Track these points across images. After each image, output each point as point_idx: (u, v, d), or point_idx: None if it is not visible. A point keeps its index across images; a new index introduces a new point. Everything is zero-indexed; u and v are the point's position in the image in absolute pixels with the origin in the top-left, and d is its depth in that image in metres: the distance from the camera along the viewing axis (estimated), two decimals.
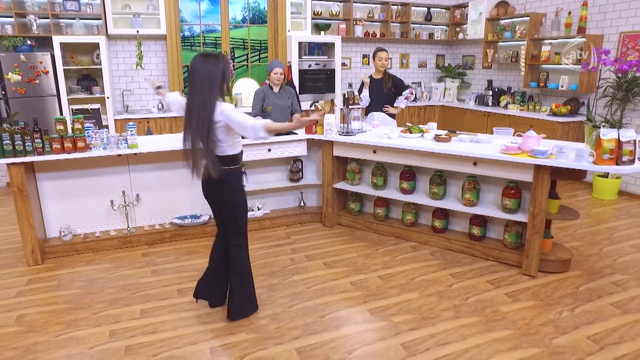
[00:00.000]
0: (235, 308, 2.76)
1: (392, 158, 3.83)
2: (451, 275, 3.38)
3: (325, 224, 4.36)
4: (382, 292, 3.13)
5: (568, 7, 5.78)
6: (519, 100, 6.51)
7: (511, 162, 3.20)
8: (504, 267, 3.49)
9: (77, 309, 2.91)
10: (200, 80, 2.40)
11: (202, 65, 2.41)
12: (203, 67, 2.41)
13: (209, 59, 2.43)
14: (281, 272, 3.43)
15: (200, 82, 2.40)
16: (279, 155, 4.12)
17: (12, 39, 5.03)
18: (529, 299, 3.02)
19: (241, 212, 2.70)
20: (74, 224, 3.78)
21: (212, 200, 2.72)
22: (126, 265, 3.54)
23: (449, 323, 2.75)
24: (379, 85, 4.70)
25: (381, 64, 4.65)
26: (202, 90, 2.39)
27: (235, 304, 2.75)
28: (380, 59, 4.64)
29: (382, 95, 4.68)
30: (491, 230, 3.76)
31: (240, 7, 6.92)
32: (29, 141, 3.28)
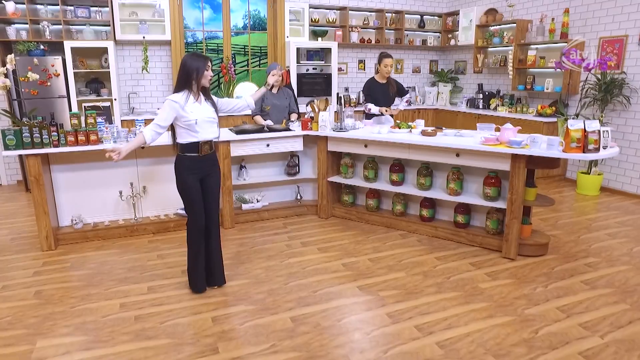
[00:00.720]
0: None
1: (382, 151, 4.11)
2: (436, 258, 3.63)
3: (320, 216, 4.63)
4: (371, 272, 3.38)
5: (552, 14, 6.10)
6: (507, 102, 6.81)
7: (490, 152, 3.48)
8: (486, 252, 3.74)
9: (90, 286, 3.17)
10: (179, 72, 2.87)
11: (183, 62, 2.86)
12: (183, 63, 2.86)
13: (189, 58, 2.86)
14: (278, 255, 3.69)
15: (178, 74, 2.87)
16: (277, 150, 4.40)
17: (26, 43, 5.35)
18: (506, 278, 3.27)
19: (181, 194, 3.00)
20: (84, 213, 4.05)
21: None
22: (133, 250, 3.80)
23: (431, 297, 3.00)
24: (385, 89, 4.81)
25: (386, 70, 4.69)
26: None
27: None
28: (385, 65, 4.68)
29: (387, 98, 4.82)
30: (475, 218, 4.02)
31: (241, 14, 7.25)
32: (45, 134, 3.56)
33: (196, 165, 2.93)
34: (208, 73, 2.89)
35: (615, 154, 3.32)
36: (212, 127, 2.95)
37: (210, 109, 2.95)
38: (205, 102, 2.93)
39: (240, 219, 4.45)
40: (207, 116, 2.90)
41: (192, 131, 2.85)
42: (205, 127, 2.89)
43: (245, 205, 4.52)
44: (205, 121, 2.89)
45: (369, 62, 7.83)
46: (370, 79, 4.93)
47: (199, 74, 2.83)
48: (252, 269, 3.44)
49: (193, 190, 2.93)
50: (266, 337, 2.55)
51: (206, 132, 2.91)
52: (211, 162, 3.03)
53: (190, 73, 2.82)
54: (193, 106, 2.84)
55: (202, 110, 2.88)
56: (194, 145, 2.88)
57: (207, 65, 2.88)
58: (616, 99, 5.21)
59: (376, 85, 4.85)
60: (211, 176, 3.03)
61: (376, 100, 4.78)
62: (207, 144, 2.93)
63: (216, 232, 3.09)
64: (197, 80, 2.84)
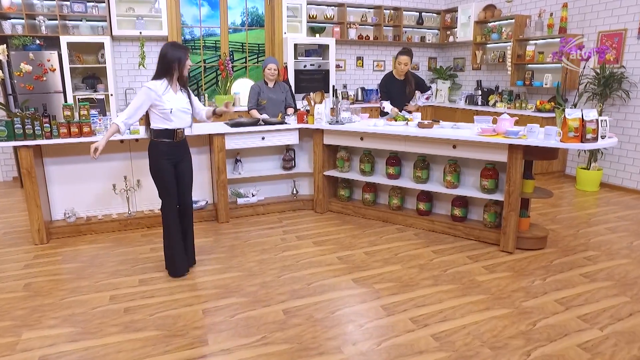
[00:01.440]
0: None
1: (378, 144, 4.06)
2: (433, 251, 3.58)
3: (316, 210, 4.58)
4: (367, 265, 3.33)
5: (550, 8, 6.05)
6: (506, 99, 6.75)
7: (487, 142, 3.43)
8: (484, 245, 3.69)
9: (80, 279, 3.12)
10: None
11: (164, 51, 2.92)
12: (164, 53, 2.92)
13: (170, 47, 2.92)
14: (272, 249, 3.64)
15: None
16: (272, 143, 4.35)
17: (22, 38, 5.32)
18: (504, 271, 3.22)
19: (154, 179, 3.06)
20: (77, 206, 4.01)
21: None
22: (126, 244, 3.76)
23: (427, 289, 2.95)
24: (401, 86, 4.65)
25: (400, 68, 4.54)
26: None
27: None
28: (399, 62, 4.51)
29: (402, 96, 4.66)
30: (472, 211, 3.96)
31: (239, 12, 7.22)
32: (37, 126, 3.51)
33: (171, 151, 3.01)
34: (188, 62, 2.96)
35: (614, 144, 3.26)
36: (186, 117, 3.04)
37: (186, 99, 3.03)
38: (180, 92, 3.01)
39: (235, 214, 4.41)
40: (182, 106, 2.98)
41: (166, 119, 2.93)
42: (179, 115, 2.97)
43: (241, 200, 4.47)
44: (180, 110, 2.97)
45: (367, 59, 7.79)
46: (388, 74, 4.74)
47: (180, 63, 2.90)
48: (246, 262, 3.39)
49: (167, 174, 3.01)
50: (257, 329, 2.50)
51: (180, 121, 3.00)
52: (184, 148, 3.13)
53: (171, 62, 2.88)
54: (169, 95, 2.91)
55: (177, 99, 2.96)
56: (168, 131, 2.97)
57: (187, 55, 2.96)
58: (615, 93, 5.16)
59: (392, 82, 4.69)
60: (184, 161, 3.13)
61: (391, 97, 4.66)
62: (182, 131, 3.04)
63: (189, 216, 3.21)
64: (178, 70, 2.91)
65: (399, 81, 4.70)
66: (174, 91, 2.95)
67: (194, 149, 4.20)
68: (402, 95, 4.70)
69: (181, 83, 3.01)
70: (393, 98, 4.69)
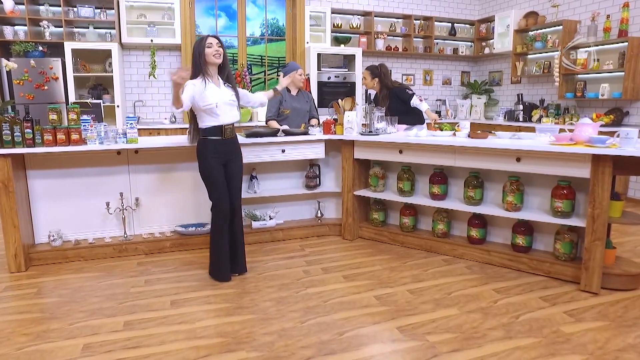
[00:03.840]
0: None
1: (422, 158, 3.39)
2: (494, 290, 2.84)
3: (345, 237, 3.89)
4: (413, 307, 2.61)
5: (605, 11, 5.39)
6: (552, 113, 6.04)
7: (564, 153, 2.72)
8: (558, 283, 2.93)
9: (52, 319, 2.48)
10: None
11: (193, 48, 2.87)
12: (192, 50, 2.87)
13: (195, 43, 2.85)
14: (293, 284, 2.96)
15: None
16: (294, 157, 3.73)
17: (24, 44, 4.90)
18: (595, 319, 2.46)
19: (204, 179, 2.92)
20: (65, 228, 3.41)
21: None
22: (118, 274, 3.13)
23: (499, 344, 2.21)
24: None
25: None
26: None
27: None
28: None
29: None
30: (538, 240, 3.23)
31: (258, 23, 6.77)
32: (18, 132, 2.97)
33: (220, 149, 2.88)
34: (210, 50, 2.76)
35: None
36: (232, 110, 2.90)
37: (230, 92, 2.89)
38: (224, 86, 2.88)
39: (249, 239, 3.75)
40: (228, 99, 2.86)
41: (213, 115, 2.81)
42: (225, 109, 2.84)
43: (256, 223, 3.82)
44: (226, 103, 2.84)
45: (396, 72, 7.20)
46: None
47: (201, 55, 2.77)
48: (260, 301, 2.71)
49: (216, 173, 2.87)
50: None
51: (227, 116, 2.86)
52: (234, 147, 2.98)
53: (196, 58, 2.80)
54: (212, 90, 2.78)
55: (221, 93, 2.83)
56: (216, 128, 2.84)
57: (208, 43, 2.77)
58: None
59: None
60: (233, 162, 2.98)
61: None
62: (229, 127, 2.90)
63: (239, 219, 3.05)
64: (203, 63, 2.77)
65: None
66: (217, 85, 2.83)
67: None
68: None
69: (223, 77, 2.88)
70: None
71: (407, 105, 4.14)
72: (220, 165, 2.90)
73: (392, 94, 4.23)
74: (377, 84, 4.29)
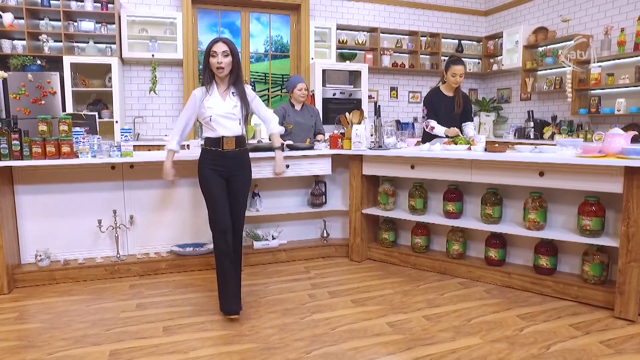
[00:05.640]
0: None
1: (435, 173, 3.18)
2: (519, 317, 2.58)
3: (352, 258, 3.64)
4: (431, 335, 2.36)
5: (618, 25, 5.25)
6: (565, 130, 5.84)
7: (594, 166, 2.50)
8: (588, 309, 2.67)
9: (30, 347, 2.24)
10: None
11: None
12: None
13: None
14: (297, 309, 2.70)
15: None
16: (299, 173, 3.52)
17: (21, 57, 4.77)
18: (637, 351, 2.19)
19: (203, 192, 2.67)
20: (54, 247, 3.19)
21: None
22: (108, 297, 2.88)
23: None
24: (450, 104, 3.86)
25: (454, 80, 3.75)
26: None
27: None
28: (454, 74, 3.73)
29: (450, 115, 3.84)
30: (563, 261, 2.98)
31: (262, 40, 6.67)
32: (4, 143, 2.78)
33: (218, 162, 2.63)
34: (213, 62, 2.54)
35: None
36: (230, 124, 2.64)
37: (232, 103, 2.64)
38: (231, 97, 2.64)
39: (250, 260, 3.51)
40: (225, 111, 2.61)
41: (209, 127, 2.64)
42: (221, 122, 2.61)
43: (258, 243, 3.59)
44: (222, 116, 2.60)
45: (402, 89, 7.06)
46: (434, 89, 3.93)
47: (207, 60, 2.57)
48: (262, 327, 2.46)
49: (212, 186, 2.60)
50: None
51: (224, 129, 2.62)
52: (238, 162, 2.68)
53: (204, 62, 2.60)
54: (212, 101, 2.61)
55: (221, 105, 2.62)
56: (214, 140, 2.64)
57: (212, 52, 2.53)
58: None
59: (440, 97, 3.86)
60: (237, 179, 2.67)
61: (436, 115, 3.81)
62: (231, 140, 2.63)
63: (237, 243, 2.72)
64: (208, 70, 2.60)
65: (448, 98, 3.87)
66: (222, 97, 2.63)
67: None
68: (449, 115, 3.84)
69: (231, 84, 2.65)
70: (438, 118, 3.82)
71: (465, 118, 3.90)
72: (220, 178, 2.63)
73: (465, 99, 3.94)
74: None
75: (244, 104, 2.65)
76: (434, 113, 3.83)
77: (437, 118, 3.83)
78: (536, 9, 6.49)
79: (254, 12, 6.33)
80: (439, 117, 3.84)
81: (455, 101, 3.87)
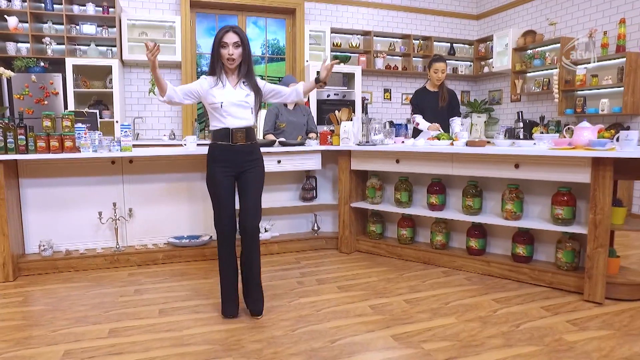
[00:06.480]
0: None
1: (419, 167, 3.35)
2: (494, 300, 2.74)
3: (341, 250, 3.80)
4: (409, 316, 2.51)
5: (602, 27, 5.43)
6: (553, 130, 6.01)
7: (563, 157, 2.67)
8: (560, 293, 2.83)
9: (34, 326, 2.40)
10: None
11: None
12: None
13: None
14: (286, 294, 2.86)
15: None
16: (290, 168, 3.69)
17: (25, 59, 4.96)
18: (600, 328, 2.35)
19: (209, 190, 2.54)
20: (56, 238, 3.36)
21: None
22: (107, 284, 3.05)
23: (498, 352, 2.11)
24: (434, 99, 4.08)
25: (437, 76, 4.01)
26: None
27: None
28: (436, 70, 4.00)
29: (435, 111, 4.05)
30: (539, 250, 3.13)
31: (259, 43, 6.86)
32: (11, 138, 2.96)
33: (228, 157, 2.46)
34: (224, 52, 2.38)
35: None
36: (242, 112, 2.47)
37: (244, 92, 2.47)
38: (242, 86, 2.48)
39: None
40: (237, 99, 2.44)
41: (219, 115, 2.45)
42: (233, 111, 2.44)
43: None
44: (234, 104, 2.43)
45: (395, 91, 7.25)
46: (421, 87, 4.24)
47: (217, 50, 2.40)
48: None
49: (218, 184, 2.45)
50: None
51: (235, 118, 2.45)
52: (248, 156, 2.50)
53: (212, 51, 2.43)
54: (223, 90, 2.44)
55: (232, 92, 2.45)
56: (223, 132, 2.46)
57: (222, 42, 2.36)
58: None
59: (425, 94, 4.13)
60: (249, 172, 2.50)
61: (422, 111, 4.06)
62: (241, 132, 2.46)
63: (253, 244, 2.49)
64: (217, 59, 2.42)
65: (432, 93, 4.11)
66: (232, 86, 2.46)
67: (197, 174, 3.59)
68: (435, 110, 4.06)
69: (241, 75, 2.47)
70: (424, 113, 4.07)
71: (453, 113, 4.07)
72: (228, 178, 2.47)
73: (452, 95, 4.14)
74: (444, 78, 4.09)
75: (256, 93, 2.50)
76: (419, 109, 4.05)
77: (423, 114, 4.04)
78: (525, 13, 6.68)
79: (250, 16, 6.52)
80: (425, 113, 4.06)
81: (439, 96, 4.06)
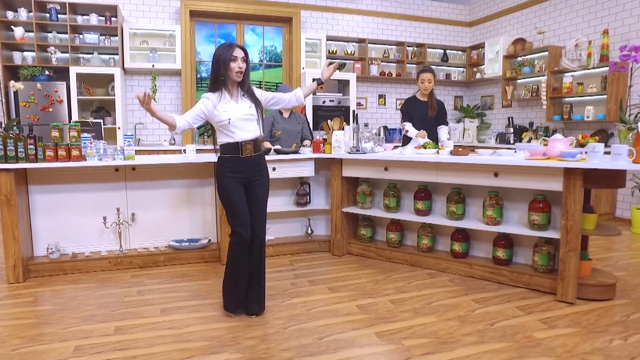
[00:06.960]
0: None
1: (406, 175, 3.54)
2: (474, 300, 2.93)
3: (333, 253, 4.00)
4: (393, 315, 2.71)
5: (588, 37, 5.63)
6: (541, 135, 6.21)
7: (537, 167, 2.87)
8: (536, 294, 3.02)
9: (46, 324, 2.59)
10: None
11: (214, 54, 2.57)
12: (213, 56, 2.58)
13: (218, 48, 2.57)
14: (279, 295, 3.06)
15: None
16: (285, 175, 3.88)
17: (31, 68, 5.15)
18: (568, 326, 2.54)
19: (222, 203, 2.67)
20: (63, 241, 3.55)
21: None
22: (112, 285, 3.24)
23: (471, 348, 2.30)
24: (424, 108, 4.27)
25: (424, 86, 4.22)
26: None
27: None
28: (422, 80, 4.22)
29: (425, 119, 4.23)
30: (518, 253, 3.33)
31: (257, 50, 7.05)
32: (21, 148, 3.15)
33: (238, 168, 2.60)
34: (234, 66, 2.49)
35: None
36: (250, 125, 2.61)
37: (247, 105, 2.61)
38: (243, 99, 2.61)
39: None
40: (243, 113, 2.57)
41: (228, 132, 2.58)
42: (241, 125, 2.57)
43: None
44: (241, 119, 2.57)
45: (390, 97, 7.44)
46: (411, 96, 4.44)
47: (225, 65, 2.49)
48: None
49: (235, 195, 2.59)
50: None
51: (243, 132, 2.59)
52: (256, 166, 2.67)
53: (217, 66, 2.51)
54: (227, 105, 2.56)
55: (237, 107, 2.57)
56: (233, 145, 2.59)
57: (232, 56, 2.49)
58: None
59: (415, 103, 4.33)
60: (257, 183, 2.68)
61: (412, 120, 4.26)
62: (250, 144, 2.61)
63: (259, 250, 2.68)
64: (225, 74, 2.51)
65: (422, 103, 4.31)
66: (235, 101, 2.58)
67: (196, 181, 3.79)
68: (424, 119, 4.26)
69: (243, 89, 2.61)
70: (414, 121, 4.27)
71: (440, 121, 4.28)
72: (240, 186, 2.61)
73: (440, 105, 4.34)
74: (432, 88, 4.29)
75: (257, 103, 2.64)
76: (409, 117, 4.25)
77: (413, 121, 4.25)
78: (515, 21, 6.88)
79: (248, 25, 6.72)
80: (415, 121, 4.26)
81: (429, 106, 4.26)
